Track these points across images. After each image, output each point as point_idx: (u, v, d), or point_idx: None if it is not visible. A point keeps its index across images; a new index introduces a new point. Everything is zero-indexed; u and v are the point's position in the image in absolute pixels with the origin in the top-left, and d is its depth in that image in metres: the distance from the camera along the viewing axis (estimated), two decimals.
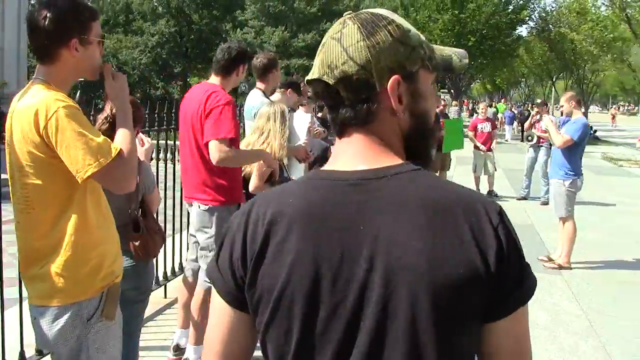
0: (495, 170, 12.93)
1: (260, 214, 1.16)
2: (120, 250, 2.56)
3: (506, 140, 27.97)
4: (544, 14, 35.36)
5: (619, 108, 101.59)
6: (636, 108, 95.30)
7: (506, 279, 1.09)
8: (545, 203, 11.89)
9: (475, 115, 18.63)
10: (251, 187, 4.54)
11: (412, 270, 1.05)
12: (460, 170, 13.16)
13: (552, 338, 5.26)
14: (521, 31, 35.07)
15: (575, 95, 7.64)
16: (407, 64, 1.15)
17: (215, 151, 3.81)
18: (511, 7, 32.61)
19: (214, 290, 1.24)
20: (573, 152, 7.25)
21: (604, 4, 21.82)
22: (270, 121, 4.59)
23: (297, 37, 51.62)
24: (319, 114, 8.61)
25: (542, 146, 12.12)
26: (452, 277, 1.05)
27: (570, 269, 7.37)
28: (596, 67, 35.03)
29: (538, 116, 11.94)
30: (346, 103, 1.16)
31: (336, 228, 1.09)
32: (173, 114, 5.17)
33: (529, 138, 12.44)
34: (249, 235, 1.15)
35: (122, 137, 2.36)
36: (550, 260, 7.58)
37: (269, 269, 1.12)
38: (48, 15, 2.23)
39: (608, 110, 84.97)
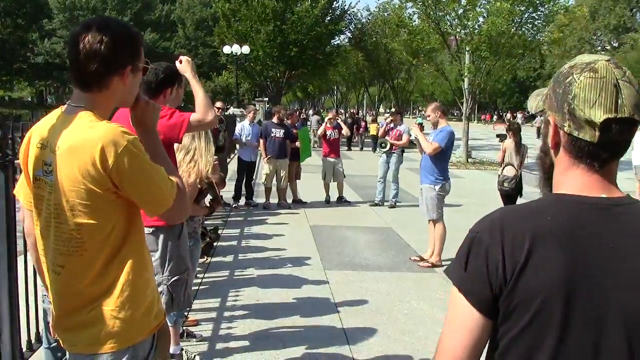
0: (344, 176, 13.52)
1: (517, 229, 1.35)
2: None
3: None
4: (360, 25, 37.30)
5: (420, 112, 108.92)
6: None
7: None
8: (393, 206, 12.70)
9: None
10: None
11: None
12: (308, 177, 13.57)
13: None
14: (338, 41, 36.45)
15: (440, 106, 8.31)
16: None
17: None
18: (329, 17, 33.94)
19: (458, 300, 1.39)
20: (441, 158, 7.90)
21: (419, 17, 23.34)
22: (195, 139, 4.59)
23: None
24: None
25: (394, 153, 12.80)
26: None
27: (442, 266, 8.00)
28: (413, 75, 37.57)
29: (392, 124, 12.68)
30: (627, 140, 1.40)
31: (591, 245, 1.32)
32: None
33: (382, 145, 12.93)
34: (508, 248, 1.34)
35: (168, 168, 2.26)
36: (423, 259, 8.18)
37: (532, 278, 1.31)
38: (105, 39, 2.08)
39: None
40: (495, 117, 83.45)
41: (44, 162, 2.15)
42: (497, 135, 16.66)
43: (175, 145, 4.78)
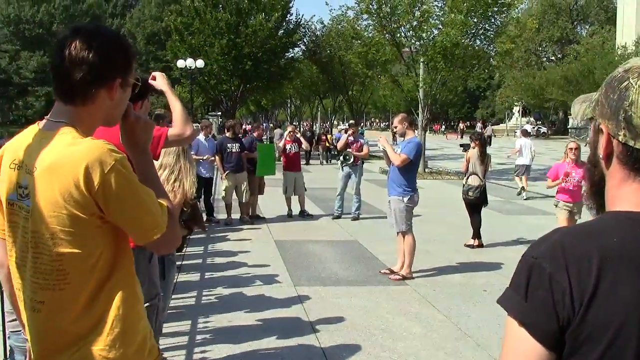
0: (306, 190, 13.39)
1: (581, 252, 1.20)
2: None
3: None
4: (314, 38, 37.33)
5: (372, 123, 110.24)
6: (385, 124, 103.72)
7: None
8: (356, 218, 12.62)
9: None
10: None
11: None
12: (269, 191, 13.40)
13: (431, 344, 5.65)
14: (294, 54, 36.45)
15: (408, 117, 8.24)
16: None
17: None
18: (283, 30, 33.86)
19: (519, 335, 1.23)
20: (409, 170, 7.82)
21: (375, 29, 23.42)
22: (181, 159, 4.42)
23: None
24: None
25: (357, 165, 12.76)
26: None
27: (413, 278, 7.92)
28: (367, 86, 37.75)
29: (352, 138, 12.61)
30: None
31: None
32: None
33: (347, 157, 12.76)
34: (574, 274, 1.19)
35: (159, 192, 2.05)
36: (393, 272, 8.09)
37: (603, 308, 1.17)
38: (94, 46, 1.88)
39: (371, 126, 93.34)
40: (444, 127, 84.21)
41: (18, 184, 1.92)
42: (461, 145, 16.76)
43: (156, 163, 4.61)
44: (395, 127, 8.06)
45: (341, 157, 12.91)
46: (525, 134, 19.61)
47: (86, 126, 1.97)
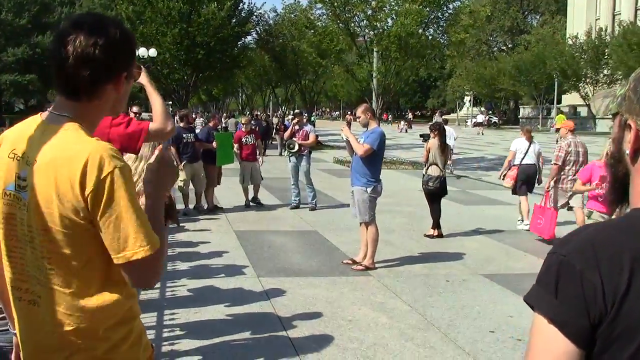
0: (262, 179, 13.35)
1: (613, 250, 1.19)
2: None
3: None
4: (267, 27, 37.10)
5: (323, 113, 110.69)
6: (336, 113, 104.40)
7: None
8: (314, 208, 12.61)
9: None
10: None
11: None
12: (225, 181, 13.31)
13: (399, 334, 5.67)
14: (246, 43, 36.18)
15: (370, 107, 8.23)
16: None
17: None
18: (235, 19, 33.56)
19: (549, 332, 1.21)
20: (373, 160, 7.82)
21: (328, 18, 23.39)
22: (156, 150, 4.30)
23: (7, 51, 47.73)
24: None
25: (303, 155, 12.76)
26: None
27: (376, 269, 7.94)
28: (320, 76, 37.75)
29: (297, 126, 12.60)
30: None
31: None
32: None
33: (291, 146, 12.75)
34: (606, 272, 1.17)
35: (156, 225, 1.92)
36: (355, 262, 8.09)
37: (636, 305, 1.15)
38: (100, 42, 1.79)
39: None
40: (390, 116, 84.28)
41: (18, 175, 1.85)
42: (421, 135, 16.86)
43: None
44: (358, 117, 8.04)
45: (289, 148, 12.83)
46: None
47: (91, 121, 1.92)
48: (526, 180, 10.94)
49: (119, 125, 3.36)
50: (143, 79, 3.52)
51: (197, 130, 13.72)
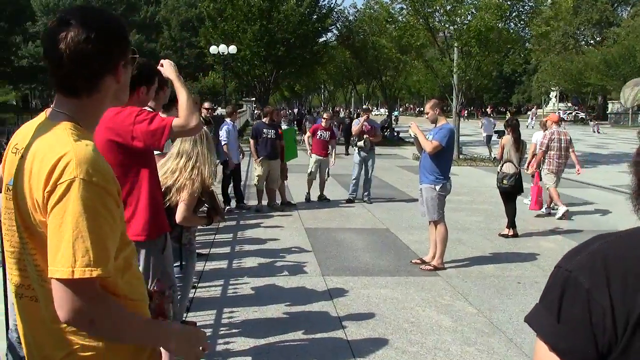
0: (329, 176, 13.36)
1: (627, 267, 1.01)
2: None
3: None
4: (347, 23, 36.93)
5: (407, 109, 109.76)
6: (419, 109, 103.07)
7: None
8: (371, 202, 12.60)
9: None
10: (179, 217, 4.20)
11: None
12: (292, 178, 13.31)
13: (462, 339, 5.47)
14: (327, 39, 36.22)
15: (439, 102, 7.99)
16: None
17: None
18: (315, 16, 33.60)
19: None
20: (442, 157, 7.60)
21: (408, 13, 23.05)
22: (197, 145, 4.27)
23: None
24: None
25: (372, 150, 12.80)
26: None
27: (445, 269, 7.72)
28: (401, 72, 37.30)
29: (366, 123, 12.53)
30: None
31: None
32: None
33: (365, 143, 12.68)
34: (617, 293, 1.00)
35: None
36: (424, 262, 7.90)
37: None
38: (92, 36, 1.71)
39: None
40: (466, 113, 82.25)
41: (16, 169, 1.82)
42: (496, 132, 16.42)
43: (174, 149, 4.41)
44: (427, 113, 7.83)
45: (359, 143, 12.73)
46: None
47: (92, 117, 1.87)
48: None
49: (143, 122, 3.29)
50: (171, 73, 3.47)
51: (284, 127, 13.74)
